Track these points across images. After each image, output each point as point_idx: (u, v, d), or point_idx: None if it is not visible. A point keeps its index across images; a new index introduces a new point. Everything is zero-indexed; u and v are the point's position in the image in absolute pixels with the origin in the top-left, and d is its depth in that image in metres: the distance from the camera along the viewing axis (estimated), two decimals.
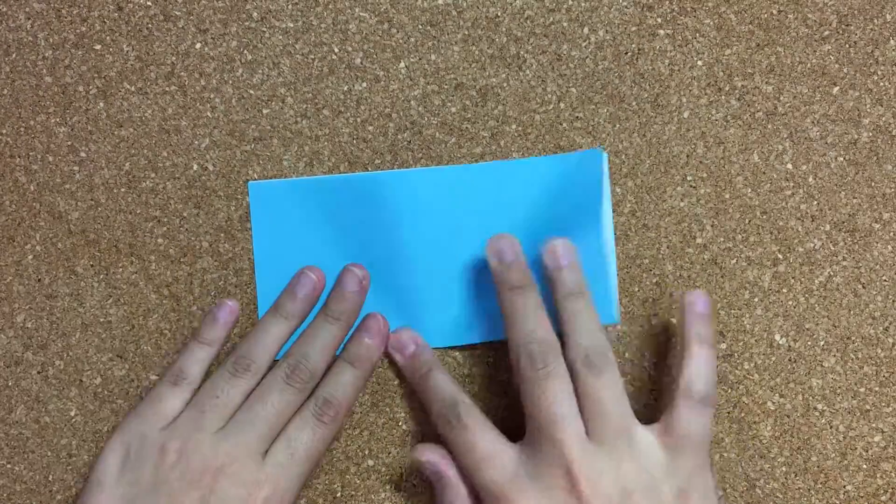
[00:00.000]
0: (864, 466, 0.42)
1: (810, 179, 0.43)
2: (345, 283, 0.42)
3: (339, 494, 0.42)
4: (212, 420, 0.38)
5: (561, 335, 0.38)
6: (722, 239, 0.43)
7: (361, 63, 0.43)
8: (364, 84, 0.43)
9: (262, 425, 0.38)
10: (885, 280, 0.42)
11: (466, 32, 0.43)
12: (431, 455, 0.39)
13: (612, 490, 0.35)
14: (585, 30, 0.43)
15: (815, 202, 0.43)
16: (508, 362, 0.39)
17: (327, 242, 0.42)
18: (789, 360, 0.42)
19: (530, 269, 0.40)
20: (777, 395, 0.42)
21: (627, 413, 0.37)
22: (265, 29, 0.43)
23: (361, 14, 0.43)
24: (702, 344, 0.39)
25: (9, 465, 0.42)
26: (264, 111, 0.43)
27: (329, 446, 0.41)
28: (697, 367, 0.38)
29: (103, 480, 0.38)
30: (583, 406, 0.37)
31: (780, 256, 0.43)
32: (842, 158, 0.43)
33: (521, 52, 0.43)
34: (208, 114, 0.43)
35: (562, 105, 0.43)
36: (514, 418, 0.42)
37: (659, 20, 0.43)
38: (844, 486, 0.42)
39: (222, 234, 0.43)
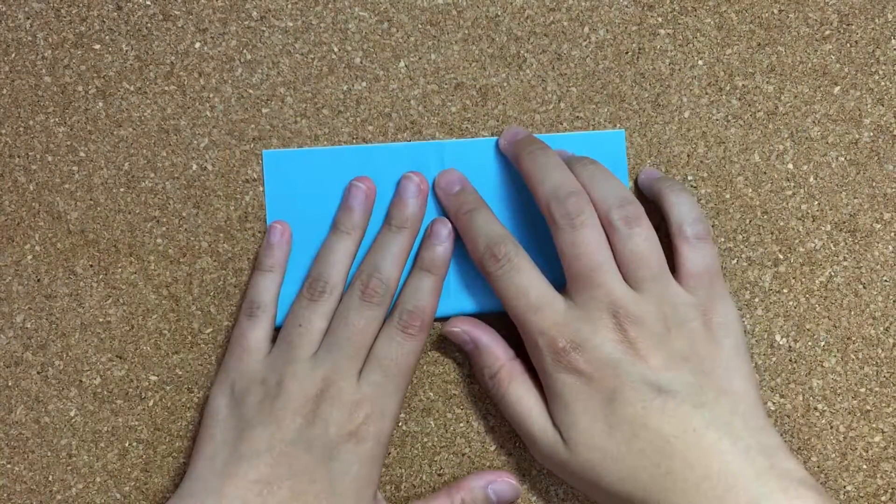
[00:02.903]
0: (865, 467, 0.42)
1: (811, 179, 0.43)
2: (404, 192, 0.42)
3: None
4: (301, 349, 0.39)
5: None
6: (722, 239, 0.43)
7: (361, 62, 0.43)
8: (364, 83, 0.43)
9: (348, 347, 0.39)
10: (885, 280, 0.42)
11: (466, 32, 0.43)
12: (463, 324, 0.40)
13: (656, 329, 0.37)
14: (586, 29, 0.43)
15: (816, 202, 0.43)
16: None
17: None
18: (790, 360, 0.42)
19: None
20: (777, 395, 0.42)
21: (663, 260, 0.38)
22: (265, 28, 0.43)
23: (361, 13, 0.43)
24: (672, 189, 0.40)
25: (9, 465, 0.42)
26: (264, 111, 0.43)
27: (420, 356, 0.41)
28: (680, 210, 0.40)
29: (215, 417, 0.39)
30: (620, 255, 0.38)
31: (780, 256, 0.43)
32: (843, 158, 0.43)
33: (522, 52, 0.43)
34: (207, 113, 0.43)
35: (562, 105, 0.43)
36: None
37: (659, 19, 0.43)
38: (845, 487, 0.42)
39: (221, 234, 0.43)
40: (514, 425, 0.40)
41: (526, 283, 0.38)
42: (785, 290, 0.42)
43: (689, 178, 0.43)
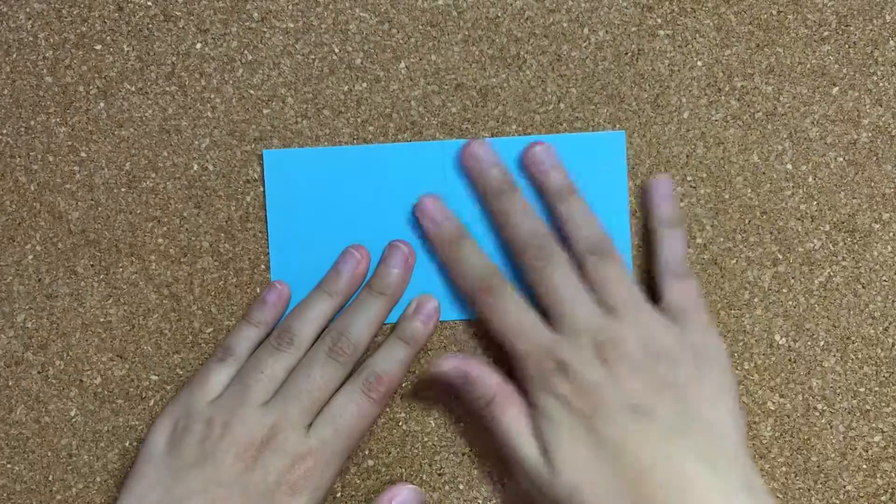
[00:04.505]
0: (864, 466, 0.42)
1: (810, 179, 0.43)
2: (390, 259, 0.42)
3: (339, 494, 0.42)
4: (256, 394, 0.39)
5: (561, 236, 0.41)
6: (722, 239, 0.43)
7: (362, 63, 0.43)
8: (364, 84, 0.43)
9: (305, 398, 0.39)
10: (884, 280, 0.42)
11: (467, 33, 0.43)
12: (452, 361, 0.39)
13: (636, 352, 0.37)
14: (585, 30, 0.43)
15: (815, 202, 0.43)
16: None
17: (343, 213, 0.43)
18: (789, 360, 0.42)
19: (511, 173, 0.42)
20: (777, 395, 0.42)
21: (637, 290, 0.39)
22: (266, 29, 0.43)
23: (362, 14, 0.43)
24: (669, 226, 0.41)
25: (9, 465, 0.42)
26: (265, 111, 0.43)
27: (373, 423, 0.41)
28: (670, 248, 0.41)
29: (152, 452, 0.38)
30: (593, 285, 0.39)
31: (779, 256, 0.43)
32: (841, 159, 0.43)
33: (522, 53, 0.43)
34: (209, 114, 0.43)
35: (562, 105, 0.43)
36: None
37: (659, 21, 0.43)
38: (844, 486, 0.42)
39: (222, 234, 0.43)
40: (504, 449, 0.39)
41: (516, 307, 0.39)
42: (784, 290, 0.43)
43: (689, 178, 0.43)
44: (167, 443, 0.39)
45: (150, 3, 0.43)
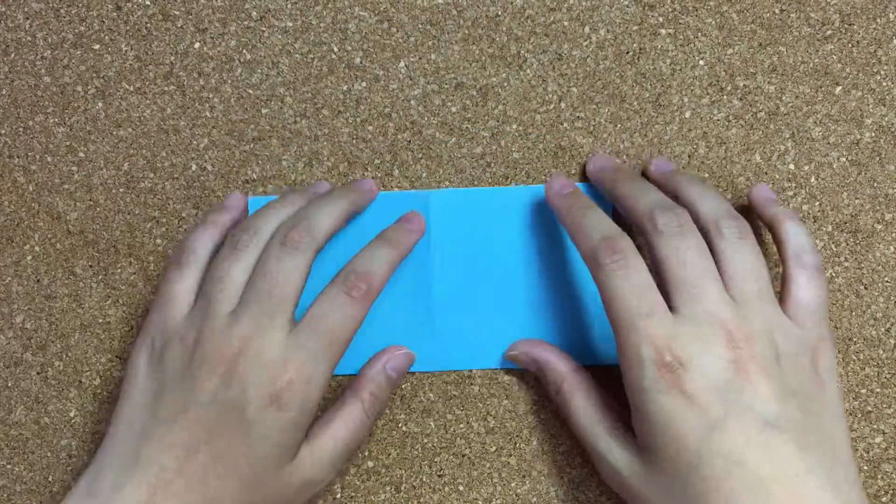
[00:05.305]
0: (865, 468, 0.42)
1: (812, 180, 0.43)
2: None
3: (338, 496, 0.42)
4: (219, 304, 0.36)
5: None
6: None
7: (361, 62, 0.43)
8: (364, 84, 0.43)
9: (267, 302, 0.36)
10: (887, 281, 0.42)
11: (467, 32, 0.43)
12: (522, 346, 0.39)
13: (766, 352, 0.34)
14: (586, 29, 0.43)
15: (818, 203, 0.43)
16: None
17: (333, 260, 0.41)
18: None
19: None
20: None
21: (768, 281, 0.36)
22: (264, 28, 0.43)
23: (361, 13, 0.43)
24: (790, 217, 0.38)
25: (9, 466, 0.42)
26: (263, 111, 0.43)
27: (357, 327, 0.37)
28: (799, 238, 0.38)
29: (135, 375, 0.37)
30: (726, 266, 0.35)
31: None
32: (844, 159, 0.43)
33: (522, 52, 0.43)
34: (207, 113, 0.43)
35: (563, 105, 0.43)
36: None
37: (660, 19, 0.43)
38: None
39: None
40: (580, 440, 0.38)
41: (641, 283, 0.34)
42: None
43: None
44: (147, 364, 0.37)
45: (148, 3, 0.43)
